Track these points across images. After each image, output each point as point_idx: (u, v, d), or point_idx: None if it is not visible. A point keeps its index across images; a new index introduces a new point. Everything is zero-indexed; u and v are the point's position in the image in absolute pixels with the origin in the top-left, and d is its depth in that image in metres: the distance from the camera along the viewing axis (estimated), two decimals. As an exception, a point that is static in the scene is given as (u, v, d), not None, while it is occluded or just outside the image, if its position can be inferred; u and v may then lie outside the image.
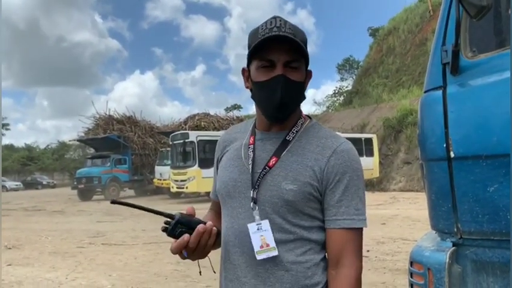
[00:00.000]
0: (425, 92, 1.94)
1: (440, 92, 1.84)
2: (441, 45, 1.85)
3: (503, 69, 1.67)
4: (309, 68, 1.25)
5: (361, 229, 1.19)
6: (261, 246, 1.17)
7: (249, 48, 1.19)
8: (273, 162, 1.20)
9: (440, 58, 1.85)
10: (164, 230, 1.17)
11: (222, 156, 1.38)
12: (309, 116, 1.32)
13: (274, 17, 1.18)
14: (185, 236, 1.14)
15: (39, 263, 7.18)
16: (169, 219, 1.17)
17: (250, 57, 1.20)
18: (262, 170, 1.20)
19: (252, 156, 1.25)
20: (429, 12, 30.50)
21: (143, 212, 1.20)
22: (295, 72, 1.18)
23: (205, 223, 1.19)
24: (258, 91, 1.20)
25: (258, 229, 1.18)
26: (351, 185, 1.18)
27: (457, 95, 1.79)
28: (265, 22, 1.18)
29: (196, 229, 1.15)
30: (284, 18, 1.18)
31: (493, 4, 1.56)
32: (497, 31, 1.89)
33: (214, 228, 1.19)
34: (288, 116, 1.22)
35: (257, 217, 1.19)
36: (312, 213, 1.19)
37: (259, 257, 1.17)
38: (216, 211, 1.45)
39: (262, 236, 1.17)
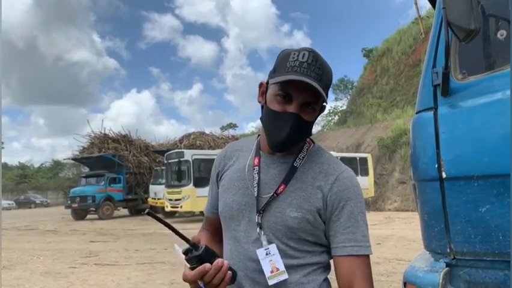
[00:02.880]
0: (417, 113, 1.97)
1: (431, 113, 1.86)
2: (432, 67, 1.89)
3: (493, 91, 1.70)
4: (324, 104, 1.24)
5: (368, 256, 1.19)
6: (271, 271, 1.16)
7: (274, 67, 1.20)
8: (281, 189, 1.20)
9: (431, 80, 1.88)
10: (185, 253, 1.09)
11: (223, 174, 1.36)
12: (312, 140, 1.32)
13: (308, 51, 1.15)
14: (207, 265, 1.06)
15: (30, 284, 7.06)
16: (191, 248, 1.10)
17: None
18: (271, 197, 1.20)
19: (257, 179, 1.24)
20: (421, 34, 31.00)
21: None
22: (310, 112, 1.18)
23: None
24: (268, 118, 1.20)
25: (266, 254, 1.18)
26: (356, 212, 1.17)
27: (448, 116, 1.82)
28: (298, 52, 1.16)
29: (215, 262, 1.07)
30: (316, 52, 1.16)
31: (481, 28, 1.60)
32: (487, 54, 1.93)
33: (229, 272, 1.11)
34: (288, 150, 1.22)
35: (264, 242, 1.18)
36: (314, 240, 1.19)
37: (271, 282, 1.16)
38: (211, 232, 1.43)
39: (271, 261, 1.17)
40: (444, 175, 1.78)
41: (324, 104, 1.24)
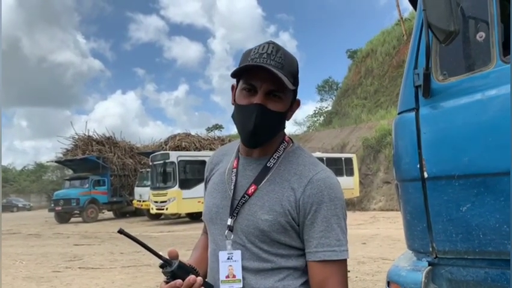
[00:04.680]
0: (399, 113, 1.99)
1: (413, 114, 1.88)
2: (413, 68, 1.91)
3: (474, 92, 1.73)
4: (298, 97, 1.24)
5: (344, 260, 1.15)
6: (227, 276, 1.16)
7: (239, 65, 1.19)
8: (252, 190, 1.18)
9: (412, 81, 1.90)
10: (161, 266, 1.12)
11: (209, 179, 1.37)
12: (291, 139, 1.30)
13: (268, 43, 1.16)
14: (178, 282, 1.08)
15: (12, 289, 6.94)
16: (165, 263, 1.11)
17: (239, 77, 1.20)
18: (241, 198, 1.18)
19: (234, 181, 1.23)
20: (403, 36, 31.42)
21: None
22: (277, 102, 1.15)
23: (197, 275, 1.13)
24: (236, 113, 1.20)
25: (228, 258, 1.17)
26: (329, 215, 1.13)
27: (429, 117, 1.84)
28: (259, 46, 1.16)
29: (187, 279, 1.09)
30: (278, 44, 1.16)
31: (460, 30, 1.62)
32: (467, 55, 1.96)
33: None
34: (261, 144, 1.20)
35: (229, 246, 1.17)
36: (289, 243, 1.16)
37: (222, 286, 1.16)
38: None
39: (230, 266, 1.16)
40: (426, 175, 1.81)
41: (298, 98, 1.24)
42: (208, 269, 1.28)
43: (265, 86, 1.13)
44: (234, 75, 1.17)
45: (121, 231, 1.09)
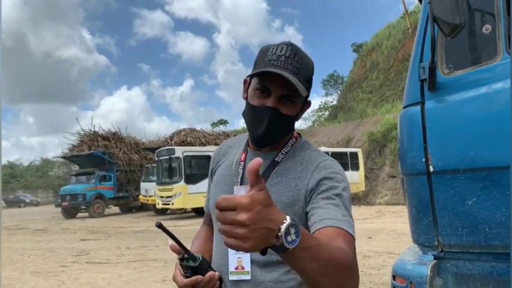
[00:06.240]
0: (404, 107, 1.98)
1: (418, 108, 1.88)
2: (419, 61, 1.90)
3: (480, 85, 1.72)
4: (309, 99, 1.24)
5: (352, 236, 1.05)
6: (236, 268, 1.18)
7: (254, 62, 1.20)
8: None
9: (417, 74, 1.89)
10: (181, 259, 1.13)
11: (216, 170, 1.38)
12: (299, 134, 1.31)
13: (287, 44, 1.16)
14: (199, 277, 1.09)
15: (20, 283, 7.01)
16: (189, 257, 1.13)
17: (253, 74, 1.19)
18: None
19: (241, 174, 1.24)
20: (408, 29, 31.21)
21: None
22: (290, 106, 1.16)
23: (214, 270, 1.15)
24: (248, 113, 1.21)
25: (237, 250, 1.18)
26: (335, 194, 1.12)
27: (434, 111, 1.83)
28: (278, 46, 1.16)
29: (208, 275, 1.10)
30: (296, 45, 1.16)
31: (466, 23, 1.61)
32: (472, 48, 1.95)
33: (218, 282, 1.14)
34: (270, 145, 1.21)
35: None
36: None
37: (231, 277, 1.18)
38: (210, 226, 1.44)
39: (239, 258, 1.18)
40: (431, 169, 1.80)
41: (309, 99, 1.24)
42: (212, 260, 1.29)
43: (279, 90, 1.14)
44: (251, 77, 1.18)
45: (159, 226, 1.09)
